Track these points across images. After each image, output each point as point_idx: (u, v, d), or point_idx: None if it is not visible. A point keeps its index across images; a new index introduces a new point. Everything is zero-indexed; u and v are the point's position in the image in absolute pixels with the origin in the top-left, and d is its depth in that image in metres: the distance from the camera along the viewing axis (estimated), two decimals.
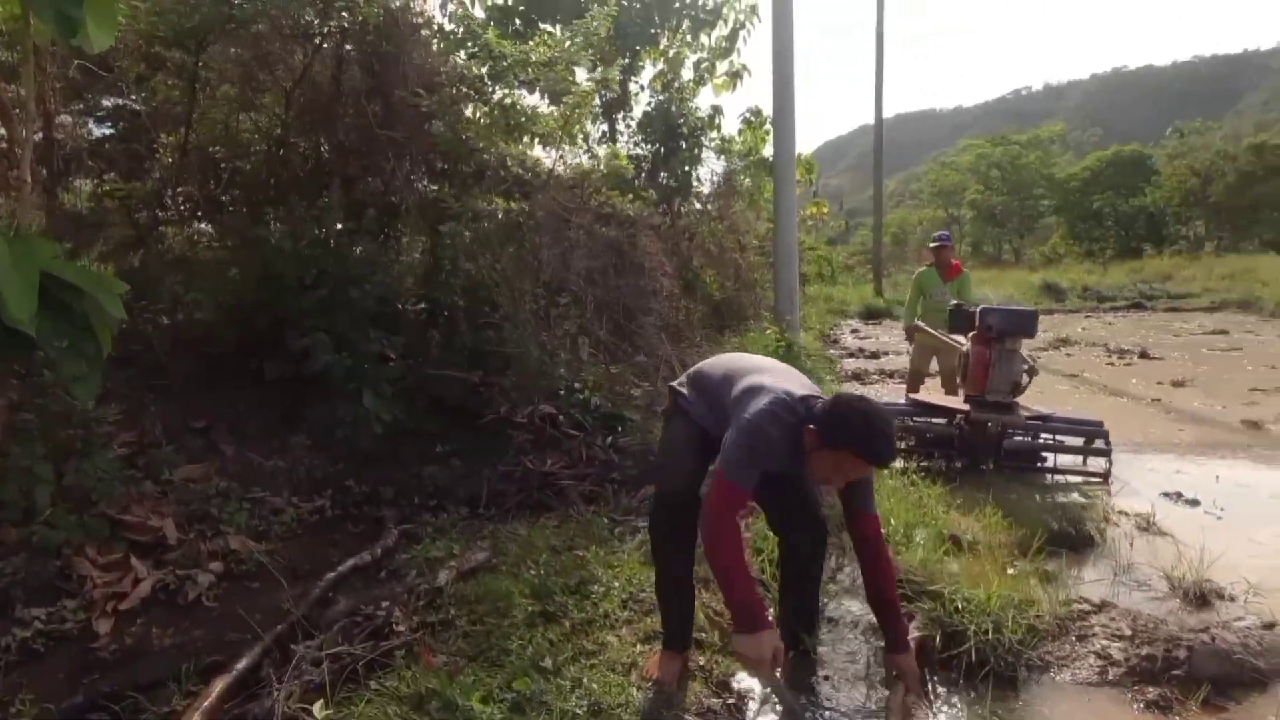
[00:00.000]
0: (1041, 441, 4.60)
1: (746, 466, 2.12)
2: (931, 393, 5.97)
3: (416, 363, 5.39)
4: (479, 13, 9.41)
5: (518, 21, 10.42)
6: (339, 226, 5.63)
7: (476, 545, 3.51)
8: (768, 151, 10.65)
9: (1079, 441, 4.52)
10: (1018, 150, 41.74)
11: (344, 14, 4.57)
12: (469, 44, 4.75)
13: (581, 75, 6.15)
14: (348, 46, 5.23)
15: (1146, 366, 9.05)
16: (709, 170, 11.02)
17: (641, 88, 11.03)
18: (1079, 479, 4.50)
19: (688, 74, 10.94)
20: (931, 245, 6.46)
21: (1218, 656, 2.33)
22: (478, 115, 5.49)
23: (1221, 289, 18.42)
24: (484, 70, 4.92)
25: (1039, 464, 4.61)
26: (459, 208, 4.88)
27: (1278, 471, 4.76)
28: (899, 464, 4.64)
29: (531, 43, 5.27)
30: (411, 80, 4.68)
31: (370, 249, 5.40)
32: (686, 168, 10.21)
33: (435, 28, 5.47)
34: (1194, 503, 4.09)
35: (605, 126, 11.05)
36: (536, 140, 6.19)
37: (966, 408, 4.49)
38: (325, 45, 5.20)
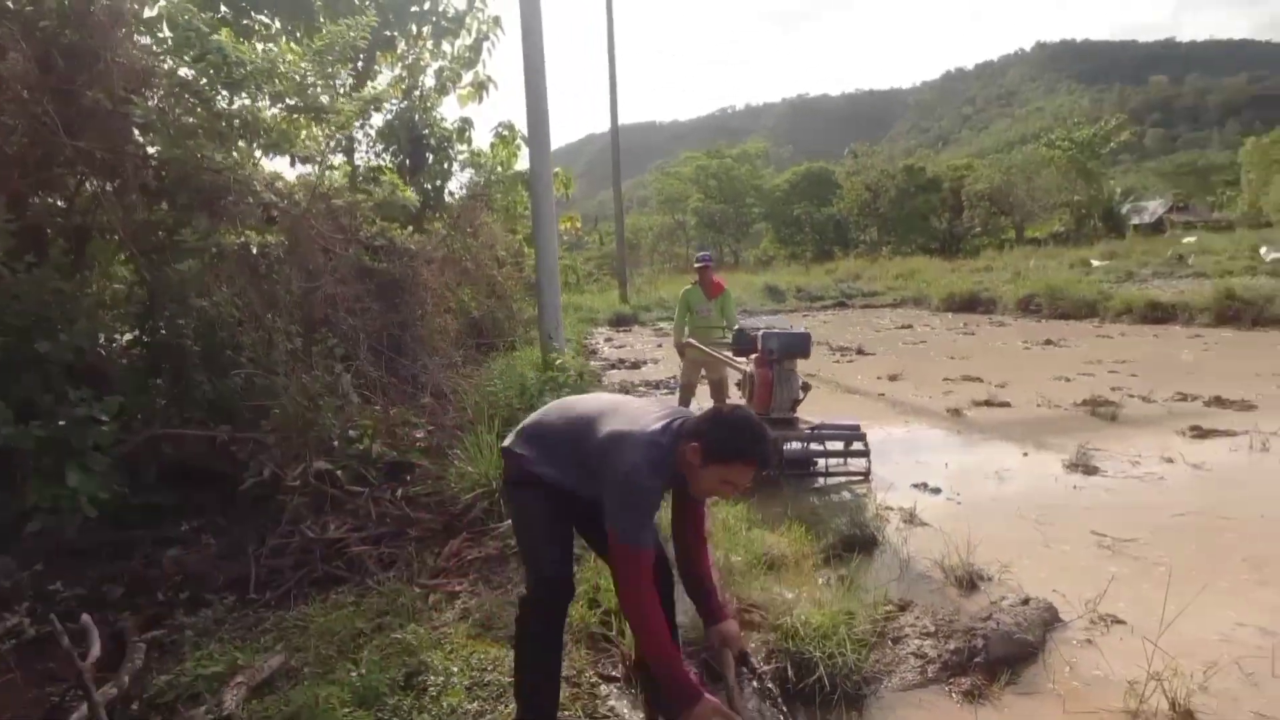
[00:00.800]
0: (813, 448, 5.07)
1: (643, 525, 1.99)
2: (703, 405, 6.31)
3: (139, 423, 4.43)
4: None
5: (224, 9, 9.11)
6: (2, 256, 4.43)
7: (262, 644, 2.94)
8: (521, 165, 10.54)
9: (843, 445, 5.07)
10: (730, 163, 46.74)
11: None
12: (195, 44, 3.93)
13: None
14: (6, 28, 4.10)
15: (865, 362, 10.53)
16: (459, 184, 10.63)
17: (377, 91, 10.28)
18: (844, 479, 5.05)
19: (430, 82, 10.42)
20: (696, 265, 6.83)
21: (1005, 640, 2.71)
22: (186, 121, 4.61)
23: (899, 287, 22.27)
24: (217, 77, 4.12)
25: (811, 469, 5.08)
26: (195, 239, 4.06)
27: (985, 453, 5.71)
28: None
29: (276, 48, 4.56)
30: (116, 81, 3.79)
31: (60, 286, 4.32)
32: (438, 181, 9.73)
33: (134, 16, 4.51)
34: (937, 491, 4.77)
35: (335, 130, 10.13)
36: (261, 153, 5.38)
37: None
38: None
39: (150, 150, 4.33)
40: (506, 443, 2.33)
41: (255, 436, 4.36)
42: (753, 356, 5.04)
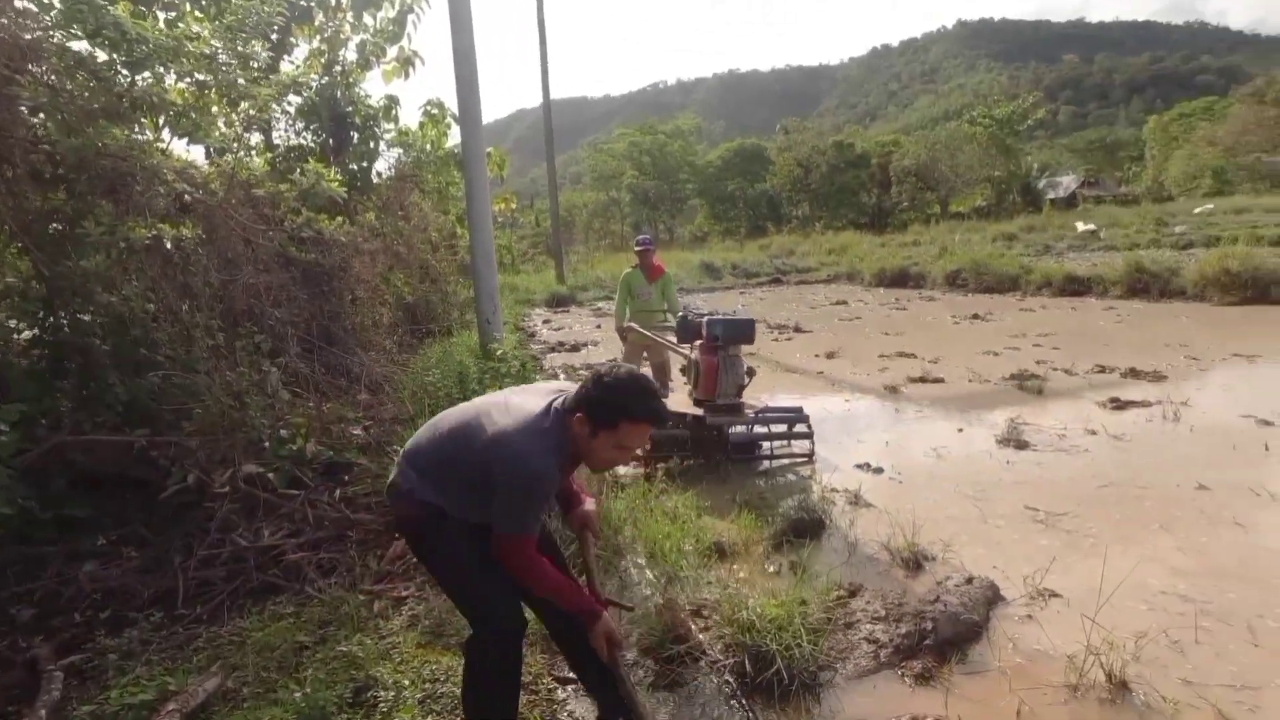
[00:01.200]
0: (759, 431, 5.10)
1: (531, 514, 1.91)
2: None
3: (44, 429, 4.11)
4: None
5: None
6: None
7: (195, 665, 2.78)
8: (452, 144, 10.22)
9: (788, 427, 5.12)
10: (664, 139, 46.61)
11: None
12: (88, 17, 3.55)
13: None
14: None
15: (802, 340, 10.68)
16: (387, 164, 10.24)
17: (295, 68, 9.75)
18: (789, 461, 5.11)
19: (351, 57, 9.95)
20: (636, 249, 6.76)
21: (953, 621, 2.78)
22: (83, 99, 4.23)
23: (831, 262, 22.71)
24: (116, 54, 3.76)
25: (758, 451, 5.12)
26: (100, 232, 3.75)
27: (923, 430, 5.85)
28: (640, 470, 4.80)
29: (181, 21, 4.20)
30: None
31: None
32: (364, 162, 9.32)
33: None
34: (879, 470, 4.86)
35: (254, 113, 9.58)
36: (171, 135, 5.00)
37: (700, 412, 4.80)
38: None
39: (42, 133, 3.96)
40: (392, 478, 2.09)
41: (176, 440, 4.10)
42: (698, 343, 5.02)
